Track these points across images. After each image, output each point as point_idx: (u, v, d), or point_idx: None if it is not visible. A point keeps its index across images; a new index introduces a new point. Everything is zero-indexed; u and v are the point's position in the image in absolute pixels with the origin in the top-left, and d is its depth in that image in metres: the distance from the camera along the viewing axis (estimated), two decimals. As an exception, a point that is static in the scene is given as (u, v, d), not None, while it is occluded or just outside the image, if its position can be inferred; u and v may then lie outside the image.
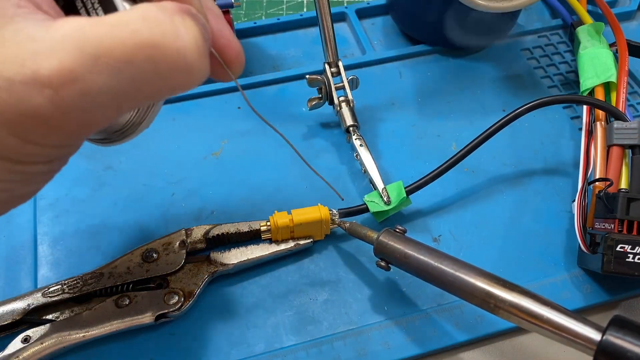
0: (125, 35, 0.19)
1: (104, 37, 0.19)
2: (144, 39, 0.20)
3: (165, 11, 0.21)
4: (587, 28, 0.50)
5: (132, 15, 0.20)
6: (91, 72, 0.19)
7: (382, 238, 0.35)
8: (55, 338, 0.34)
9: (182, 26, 0.21)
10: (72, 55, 0.19)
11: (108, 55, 0.19)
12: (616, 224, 0.36)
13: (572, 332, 0.28)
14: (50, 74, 0.18)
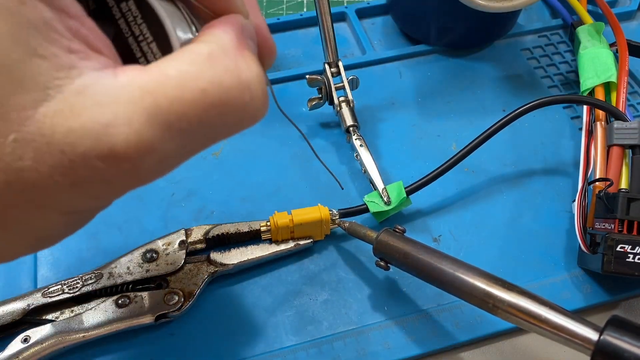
0: (197, 97, 0.19)
1: (176, 101, 0.18)
2: (215, 99, 0.19)
3: (229, 55, 0.20)
4: (587, 28, 0.50)
5: (199, 68, 0.19)
6: (165, 140, 0.18)
7: (381, 238, 0.35)
8: (55, 338, 0.34)
9: (248, 71, 0.20)
10: (147, 126, 0.18)
11: (181, 120, 0.19)
12: (616, 224, 0.36)
13: (569, 332, 0.28)
14: (128, 149, 0.18)
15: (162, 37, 0.21)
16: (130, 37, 0.21)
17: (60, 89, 0.17)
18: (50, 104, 0.17)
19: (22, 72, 0.17)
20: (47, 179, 0.17)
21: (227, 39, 0.21)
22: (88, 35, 0.18)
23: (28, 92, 0.17)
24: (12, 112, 0.17)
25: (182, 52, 0.20)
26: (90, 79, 0.18)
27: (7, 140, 0.17)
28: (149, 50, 0.21)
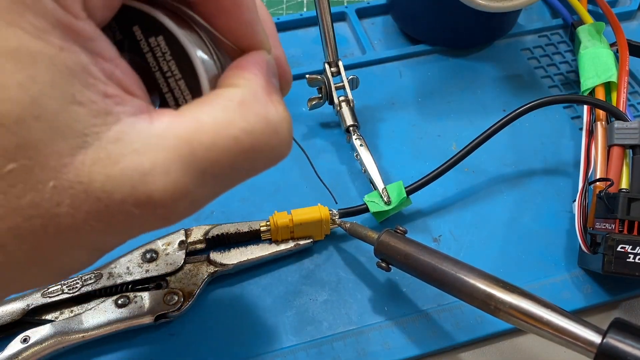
0: (230, 145, 0.19)
1: (210, 149, 0.19)
2: (246, 145, 0.20)
3: (259, 100, 0.21)
4: (587, 28, 0.50)
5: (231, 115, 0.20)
6: (198, 186, 0.19)
7: (382, 239, 0.35)
8: (55, 338, 0.34)
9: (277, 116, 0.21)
10: (183, 174, 0.18)
11: (214, 167, 0.19)
12: (617, 224, 0.36)
13: (572, 334, 0.28)
14: (164, 197, 0.18)
15: (190, 75, 0.21)
16: (157, 72, 0.21)
17: (98, 136, 0.17)
18: (88, 151, 0.17)
19: (61, 119, 0.17)
20: (82, 224, 0.18)
21: (257, 83, 0.21)
22: (122, 78, 0.19)
23: (66, 140, 0.17)
24: (51, 159, 0.17)
25: (214, 96, 0.20)
26: (126, 126, 0.18)
27: (46, 187, 0.17)
28: (177, 87, 0.21)
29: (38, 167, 0.17)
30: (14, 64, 0.16)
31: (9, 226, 0.17)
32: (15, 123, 0.16)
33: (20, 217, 0.17)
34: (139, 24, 0.21)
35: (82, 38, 0.17)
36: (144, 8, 0.20)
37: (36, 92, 0.16)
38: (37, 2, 0.16)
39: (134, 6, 0.20)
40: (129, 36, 0.21)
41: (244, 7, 0.21)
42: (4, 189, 0.16)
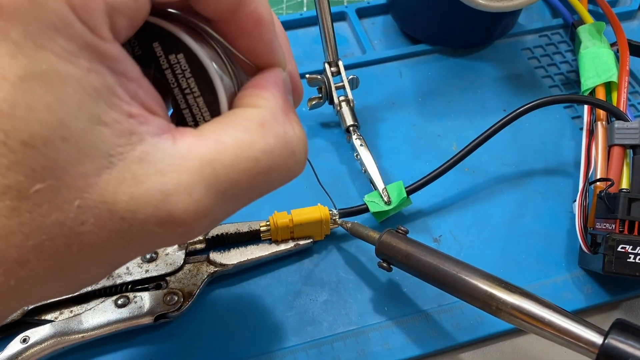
0: (250, 166, 0.20)
1: (231, 170, 0.19)
2: (265, 166, 0.20)
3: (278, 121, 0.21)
4: (588, 27, 0.50)
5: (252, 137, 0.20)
6: (219, 205, 0.20)
7: (384, 239, 0.35)
8: (54, 338, 0.34)
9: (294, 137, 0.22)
10: (205, 194, 0.19)
11: (234, 187, 0.20)
12: (617, 224, 0.36)
13: (574, 335, 0.28)
14: (186, 216, 0.19)
15: (209, 93, 0.21)
16: (176, 88, 0.21)
17: (123, 157, 0.18)
18: (112, 171, 0.17)
19: (87, 140, 0.17)
20: (105, 241, 0.18)
21: (276, 103, 0.22)
22: (145, 98, 0.19)
23: (92, 160, 0.17)
24: (77, 180, 0.17)
25: (234, 116, 0.21)
26: (150, 146, 0.18)
27: (71, 206, 0.17)
28: (195, 104, 0.22)
29: (64, 188, 0.17)
30: (43, 87, 0.16)
31: (34, 244, 0.17)
32: (43, 145, 0.16)
33: (45, 235, 0.17)
34: (159, 41, 0.21)
35: (108, 59, 0.17)
36: (164, 25, 0.21)
37: (64, 114, 0.16)
38: (68, 25, 0.16)
39: (155, 22, 0.20)
40: (148, 52, 0.21)
41: (265, 28, 0.22)
42: (30, 208, 0.17)
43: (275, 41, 0.23)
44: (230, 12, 0.21)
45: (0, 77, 0.16)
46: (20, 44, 0.16)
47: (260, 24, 0.21)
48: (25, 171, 0.16)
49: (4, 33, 0.16)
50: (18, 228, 0.17)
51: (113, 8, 0.17)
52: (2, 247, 0.17)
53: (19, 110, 0.16)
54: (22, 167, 0.16)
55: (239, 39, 0.22)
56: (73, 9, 0.16)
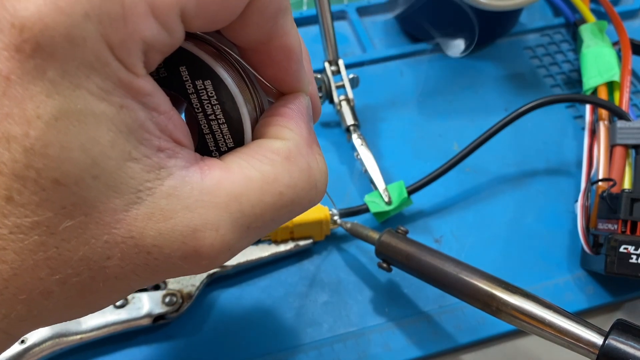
0: (275, 201, 0.20)
1: (256, 205, 0.19)
2: (288, 200, 0.20)
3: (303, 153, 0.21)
4: (590, 26, 0.49)
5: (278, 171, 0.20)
6: (243, 239, 0.20)
7: (384, 239, 0.35)
8: (53, 340, 0.33)
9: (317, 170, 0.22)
10: (231, 230, 0.19)
11: (258, 221, 0.20)
12: (619, 225, 0.36)
13: (574, 335, 0.28)
14: (211, 250, 0.19)
15: (234, 121, 0.21)
16: (200, 113, 0.21)
17: (151, 192, 0.18)
18: (141, 207, 0.18)
19: (117, 177, 0.17)
20: (129, 274, 0.18)
21: (301, 134, 0.22)
22: (174, 130, 0.19)
23: (121, 196, 0.17)
24: (106, 216, 0.17)
25: (260, 148, 0.21)
26: (178, 180, 0.18)
27: (98, 242, 0.17)
28: (219, 130, 0.21)
29: (93, 223, 0.17)
30: (78, 126, 0.16)
31: (59, 278, 0.17)
32: (75, 183, 0.16)
33: (71, 270, 0.17)
34: (186, 65, 0.20)
35: (140, 95, 0.17)
36: (193, 50, 0.20)
37: (97, 153, 0.16)
38: (105, 64, 0.16)
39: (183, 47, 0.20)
40: (174, 75, 0.20)
41: (294, 60, 0.22)
42: (58, 243, 0.17)
43: (302, 71, 0.23)
44: (261, 43, 0.21)
45: (35, 116, 0.16)
46: (57, 82, 0.16)
47: (290, 57, 0.21)
48: (55, 208, 0.17)
49: (41, 71, 0.16)
50: (44, 262, 0.17)
51: (150, 45, 0.17)
52: (27, 280, 0.17)
53: (52, 149, 0.16)
54: (52, 204, 0.17)
55: (266, 68, 0.22)
56: (111, 47, 0.16)
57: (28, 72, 0.16)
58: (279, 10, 0.20)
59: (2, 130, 0.16)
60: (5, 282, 0.17)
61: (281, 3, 0.20)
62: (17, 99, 0.16)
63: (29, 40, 0.15)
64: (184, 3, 0.17)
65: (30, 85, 0.16)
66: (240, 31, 0.20)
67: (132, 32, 0.16)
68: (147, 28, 0.16)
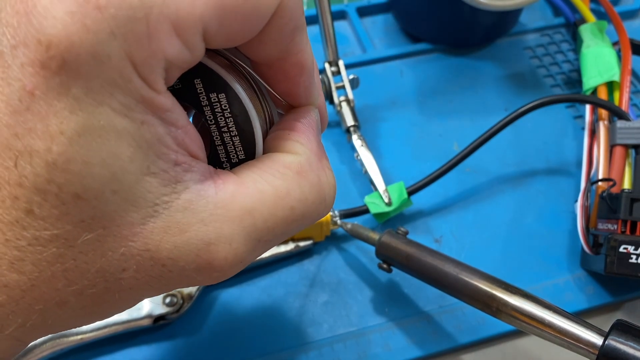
0: (286, 215, 0.20)
1: (269, 219, 0.20)
2: (299, 215, 0.21)
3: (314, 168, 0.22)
4: (590, 26, 0.49)
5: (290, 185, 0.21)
6: (255, 252, 0.20)
7: (384, 240, 0.35)
8: (53, 340, 0.34)
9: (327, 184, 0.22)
10: (244, 243, 0.19)
11: (269, 234, 0.20)
12: (619, 225, 0.36)
13: (574, 336, 0.28)
14: (224, 263, 0.19)
15: (247, 134, 0.22)
16: (213, 125, 0.21)
17: (168, 205, 0.18)
18: (157, 220, 0.18)
19: (135, 191, 0.17)
20: (144, 285, 0.19)
21: (312, 149, 0.22)
22: (190, 144, 0.19)
23: (139, 210, 0.18)
24: (123, 229, 0.18)
25: (273, 162, 0.21)
26: (194, 194, 0.19)
27: (115, 254, 0.18)
28: (231, 142, 0.22)
29: (111, 236, 0.17)
30: (100, 142, 0.16)
31: (75, 289, 0.18)
32: (94, 198, 0.17)
33: (87, 281, 0.18)
34: (201, 78, 0.21)
35: (160, 110, 0.17)
36: (208, 63, 0.20)
37: (117, 169, 0.17)
38: (128, 81, 0.16)
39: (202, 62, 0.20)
40: (189, 87, 0.21)
41: (306, 75, 0.22)
42: (75, 256, 0.17)
43: (313, 85, 0.23)
44: (277, 59, 0.21)
45: (58, 132, 0.16)
46: (81, 99, 0.16)
47: (302, 72, 0.22)
48: (75, 222, 0.17)
49: (66, 88, 0.16)
50: (62, 274, 0.18)
51: (171, 63, 0.17)
52: (44, 290, 0.18)
53: (74, 165, 0.16)
54: (72, 217, 0.17)
55: (279, 83, 0.22)
56: (134, 65, 0.16)
57: (53, 88, 0.16)
58: (296, 28, 0.20)
59: (25, 145, 0.16)
60: (23, 292, 0.18)
61: (298, 20, 0.20)
62: (40, 115, 0.16)
63: (55, 57, 0.15)
64: (207, 22, 0.17)
65: (54, 102, 0.16)
66: (257, 47, 0.20)
67: (156, 50, 0.16)
68: (170, 46, 0.17)
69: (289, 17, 0.19)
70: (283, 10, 0.19)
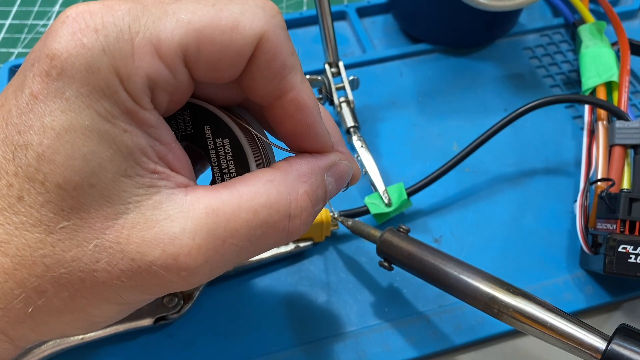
0: (249, 217, 0.21)
1: (231, 219, 0.21)
2: (262, 220, 0.22)
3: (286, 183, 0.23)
4: (589, 27, 0.49)
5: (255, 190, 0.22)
6: (219, 254, 0.21)
7: (385, 237, 0.35)
8: (54, 340, 0.34)
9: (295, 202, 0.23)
10: (206, 240, 0.20)
11: (233, 236, 0.21)
12: (618, 225, 0.36)
13: (576, 340, 0.28)
14: (188, 260, 0.20)
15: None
16: (216, 167, 0.24)
17: (139, 204, 0.20)
18: (128, 216, 0.20)
19: (111, 188, 0.20)
20: (116, 280, 0.20)
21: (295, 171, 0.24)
22: (173, 160, 0.21)
23: (112, 206, 0.20)
24: (97, 221, 0.20)
25: (249, 175, 0.23)
26: (164, 196, 0.21)
27: (89, 244, 0.20)
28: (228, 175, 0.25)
29: (86, 227, 0.19)
30: (83, 139, 0.19)
31: (53, 275, 0.20)
32: (74, 189, 0.19)
33: (64, 269, 0.20)
34: (210, 125, 0.24)
35: (145, 125, 0.20)
36: (216, 112, 0.24)
37: (96, 165, 0.19)
38: (114, 93, 0.19)
39: (209, 109, 0.24)
40: (199, 132, 0.24)
41: (307, 114, 0.23)
42: (54, 243, 0.19)
43: (319, 125, 0.24)
44: (275, 98, 0.23)
45: (49, 127, 0.19)
46: (72, 101, 0.19)
47: (302, 110, 0.23)
48: (56, 209, 0.19)
49: (61, 92, 0.19)
50: (41, 260, 0.19)
51: (155, 82, 0.20)
52: (25, 275, 0.19)
53: (58, 157, 0.19)
54: (54, 205, 0.19)
55: (283, 123, 0.24)
56: (120, 79, 0.19)
57: (51, 92, 0.19)
58: (284, 66, 0.22)
59: (24, 140, 0.19)
60: (6, 275, 0.19)
61: (286, 60, 0.22)
62: (39, 114, 0.19)
63: (56, 66, 0.19)
64: (185, 47, 0.20)
65: (50, 103, 0.19)
66: (252, 85, 0.22)
67: (139, 68, 0.19)
68: (151, 66, 0.19)
69: (272, 53, 0.21)
70: (265, 46, 0.21)
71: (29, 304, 0.20)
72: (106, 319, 0.22)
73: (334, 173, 0.25)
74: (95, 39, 0.19)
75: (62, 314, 0.21)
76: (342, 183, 0.26)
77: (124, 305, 0.22)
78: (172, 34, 0.20)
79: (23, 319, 0.20)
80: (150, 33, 0.19)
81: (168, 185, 0.21)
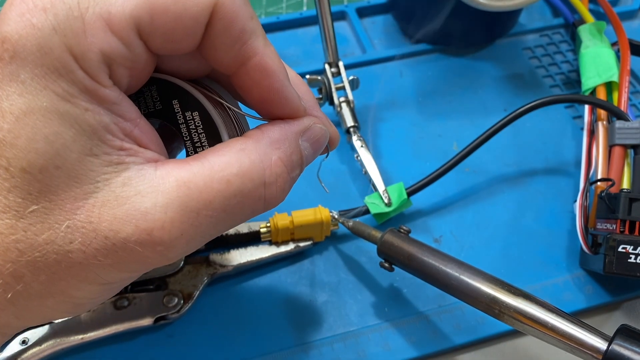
0: (222, 187, 0.21)
1: (203, 190, 0.21)
2: (236, 189, 0.21)
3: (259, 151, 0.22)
4: (588, 27, 0.49)
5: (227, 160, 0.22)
6: (194, 226, 0.21)
7: (386, 238, 0.35)
8: (54, 340, 0.34)
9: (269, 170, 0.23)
10: (180, 213, 0.20)
11: (207, 208, 0.21)
12: (618, 225, 0.36)
13: (577, 340, 0.28)
14: (162, 234, 0.20)
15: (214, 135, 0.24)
16: (188, 141, 0.24)
17: (108, 182, 0.20)
18: (98, 195, 0.20)
19: (78, 169, 0.19)
20: (92, 259, 0.20)
21: (267, 138, 0.23)
22: (139, 135, 0.21)
23: (81, 186, 0.19)
24: (67, 203, 0.19)
25: (221, 145, 0.22)
26: (134, 172, 0.20)
27: (61, 226, 0.19)
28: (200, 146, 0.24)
29: (56, 209, 0.19)
30: (43, 121, 0.18)
31: (28, 260, 0.19)
32: (39, 172, 0.19)
33: (38, 252, 0.19)
34: (178, 99, 0.23)
35: (106, 102, 0.20)
36: (183, 85, 0.23)
37: (59, 146, 0.19)
38: (70, 72, 0.19)
39: (175, 82, 0.23)
40: (168, 107, 0.24)
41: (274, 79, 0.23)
42: (25, 227, 0.19)
43: (287, 89, 0.23)
44: (239, 65, 0.22)
45: (8, 112, 0.18)
46: (27, 84, 0.18)
47: (268, 75, 0.23)
48: (23, 194, 0.19)
49: (16, 75, 0.18)
50: (14, 245, 0.19)
51: (110, 58, 0.19)
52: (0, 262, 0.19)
53: (20, 140, 0.18)
54: (21, 190, 0.19)
55: (251, 90, 0.23)
56: (75, 57, 0.19)
57: (6, 75, 0.18)
58: (244, 31, 0.21)
59: None
60: None
61: (245, 24, 0.21)
62: None
63: (8, 49, 0.18)
64: (138, 20, 0.19)
65: (6, 87, 0.18)
66: (214, 54, 0.22)
67: (92, 44, 0.19)
68: (105, 41, 0.19)
69: (229, 18, 0.21)
70: (221, 12, 0.21)
71: (8, 289, 0.20)
72: (89, 300, 0.22)
73: (308, 137, 0.25)
74: (45, 18, 0.18)
75: (43, 298, 0.21)
76: (318, 147, 0.26)
77: (105, 285, 0.21)
78: (122, 6, 0.19)
79: (4, 305, 0.20)
80: (100, 8, 0.19)
81: (137, 161, 0.21)
